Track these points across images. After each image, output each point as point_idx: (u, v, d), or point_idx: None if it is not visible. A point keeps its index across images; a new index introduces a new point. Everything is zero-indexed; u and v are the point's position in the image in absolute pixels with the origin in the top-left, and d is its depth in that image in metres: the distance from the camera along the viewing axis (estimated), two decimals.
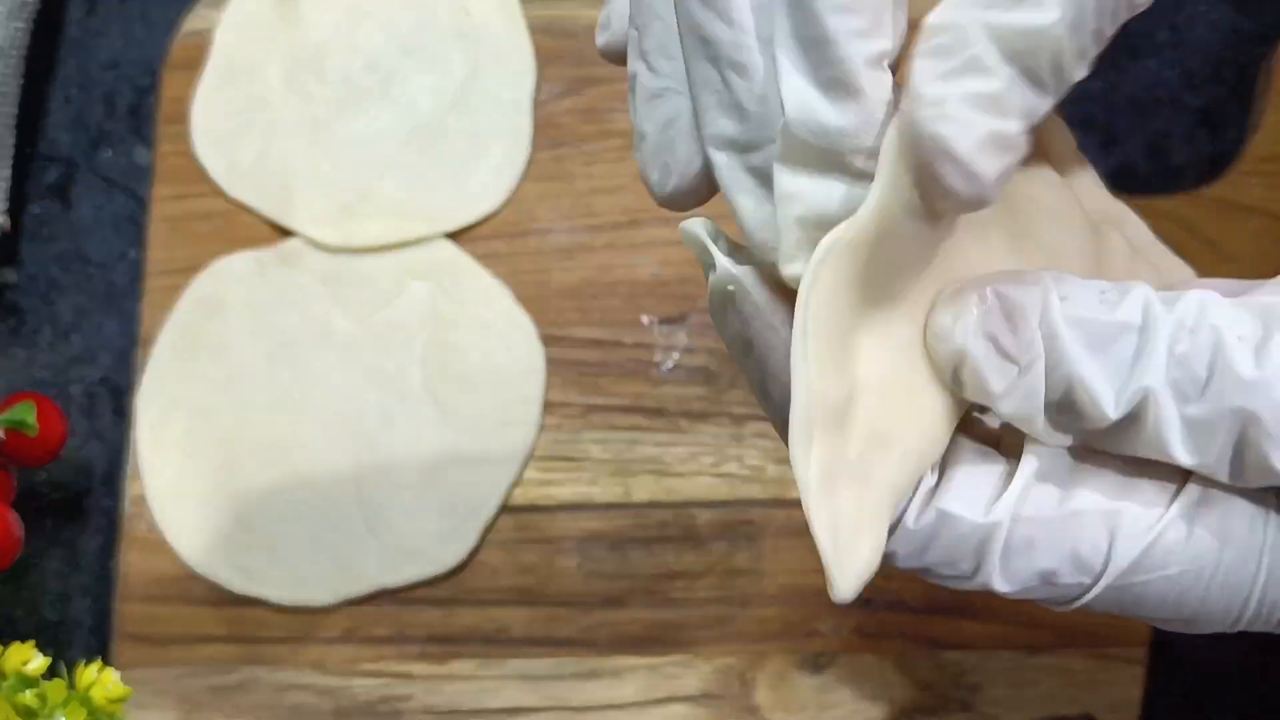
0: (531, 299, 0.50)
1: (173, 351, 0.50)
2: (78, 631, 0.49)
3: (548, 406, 0.49)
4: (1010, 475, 0.23)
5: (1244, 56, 0.52)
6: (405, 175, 0.51)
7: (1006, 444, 0.24)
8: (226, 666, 0.47)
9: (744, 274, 0.23)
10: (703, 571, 0.47)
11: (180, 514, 0.48)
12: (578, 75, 0.52)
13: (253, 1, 0.53)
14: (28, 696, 0.38)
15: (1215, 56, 0.52)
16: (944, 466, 0.24)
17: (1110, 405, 0.22)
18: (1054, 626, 0.46)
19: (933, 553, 0.24)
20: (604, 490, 0.48)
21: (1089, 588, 0.23)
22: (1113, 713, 0.46)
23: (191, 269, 0.50)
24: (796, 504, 0.49)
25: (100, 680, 0.39)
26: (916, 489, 0.23)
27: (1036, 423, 0.22)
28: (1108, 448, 0.23)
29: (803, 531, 0.48)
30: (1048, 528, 0.23)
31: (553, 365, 0.49)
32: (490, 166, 0.51)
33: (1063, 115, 0.50)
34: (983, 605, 0.47)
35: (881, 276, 0.22)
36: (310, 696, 0.46)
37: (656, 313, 0.49)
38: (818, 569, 0.24)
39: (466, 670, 0.47)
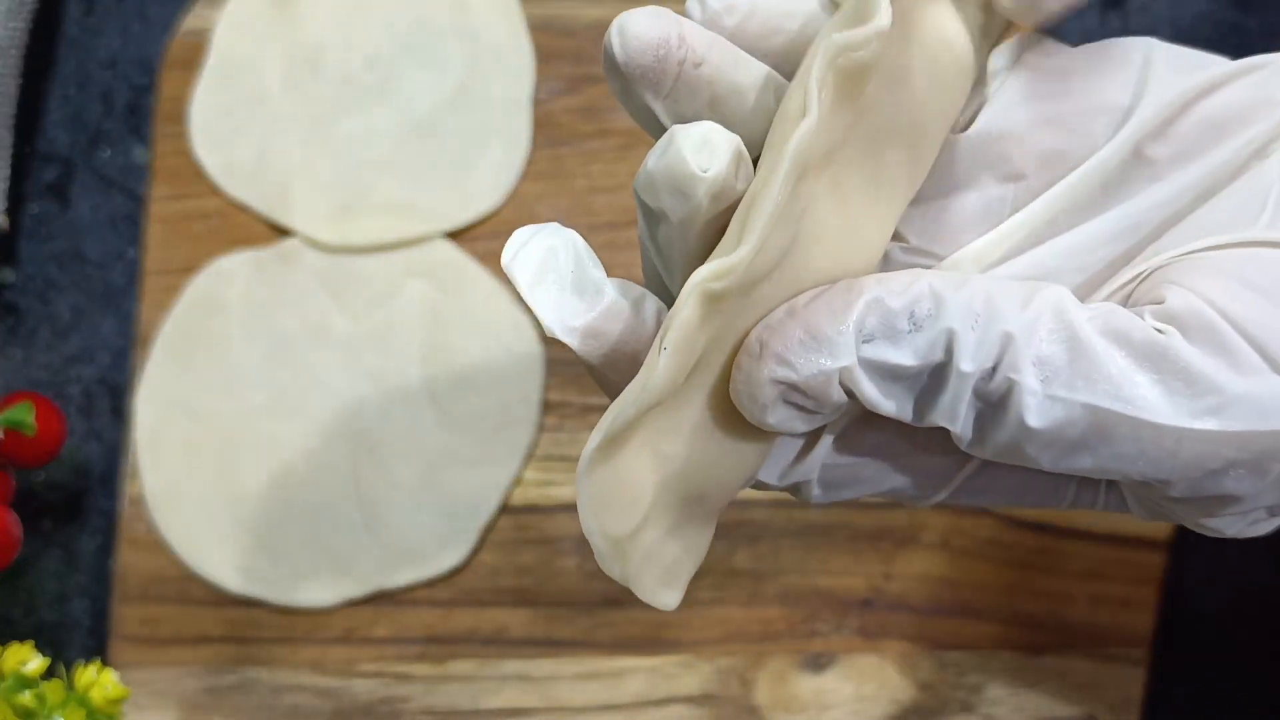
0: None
1: (171, 351, 0.50)
2: (76, 632, 0.49)
3: (547, 406, 0.49)
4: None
5: (1244, 56, 0.52)
6: (404, 174, 0.51)
7: None
8: (225, 667, 0.47)
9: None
10: (703, 571, 0.47)
11: (178, 514, 0.48)
12: (577, 74, 0.52)
13: (251, 1, 0.53)
14: (26, 697, 0.38)
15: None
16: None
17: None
18: (1055, 628, 0.46)
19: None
20: None
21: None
22: (1113, 713, 0.46)
23: (189, 268, 0.50)
24: (796, 504, 0.49)
25: (99, 681, 0.39)
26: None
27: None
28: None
29: (803, 531, 0.48)
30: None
31: (552, 365, 0.49)
32: (489, 165, 0.51)
33: None
34: (984, 606, 0.47)
35: (647, 432, 0.24)
36: (309, 697, 0.46)
37: None
38: (818, 569, 0.24)
39: (466, 671, 0.46)
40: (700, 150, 0.23)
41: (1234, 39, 0.53)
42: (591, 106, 0.51)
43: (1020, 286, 0.23)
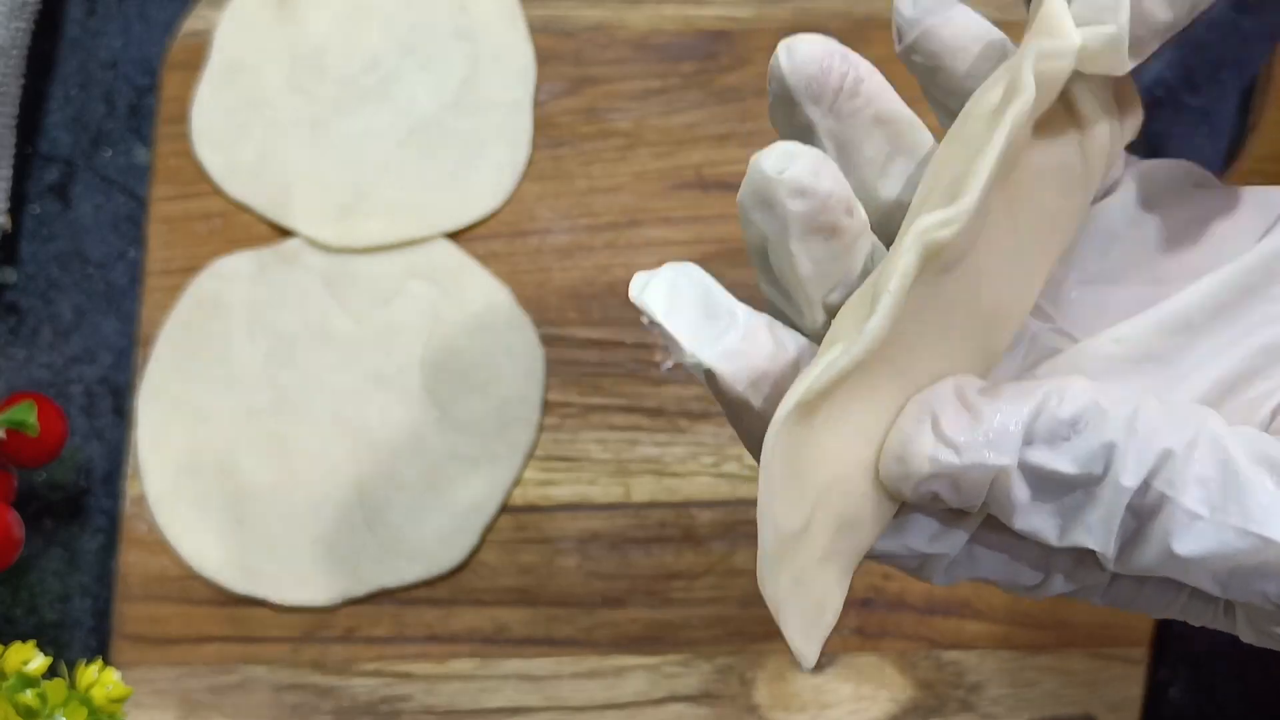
0: (531, 299, 0.50)
1: (172, 351, 0.50)
2: (78, 631, 0.49)
3: (547, 406, 0.49)
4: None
5: (1244, 56, 0.52)
6: (404, 175, 0.51)
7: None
8: (226, 666, 0.47)
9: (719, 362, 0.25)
10: (703, 571, 0.47)
11: (180, 514, 0.48)
12: (577, 75, 0.52)
13: (252, 2, 0.53)
14: (28, 696, 0.38)
15: (1215, 56, 0.52)
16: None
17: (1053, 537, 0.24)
18: (1054, 626, 0.46)
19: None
20: (603, 490, 0.48)
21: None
22: (1113, 712, 0.46)
23: (191, 269, 0.50)
24: None
25: (100, 680, 0.39)
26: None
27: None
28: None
29: None
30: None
31: (552, 365, 0.49)
32: (489, 166, 0.51)
33: None
34: (983, 605, 0.47)
35: (835, 408, 0.23)
36: (310, 696, 0.46)
37: None
38: None
39: (466, 670, 0.47)
40: (779, 159, 0.24)
41: (1233, 40, 0.53)
42: (592, 108, 0.51)
43: (1177, 406, 0.23)
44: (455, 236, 0.50)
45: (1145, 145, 0.52)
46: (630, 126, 0.51)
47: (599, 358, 0.49)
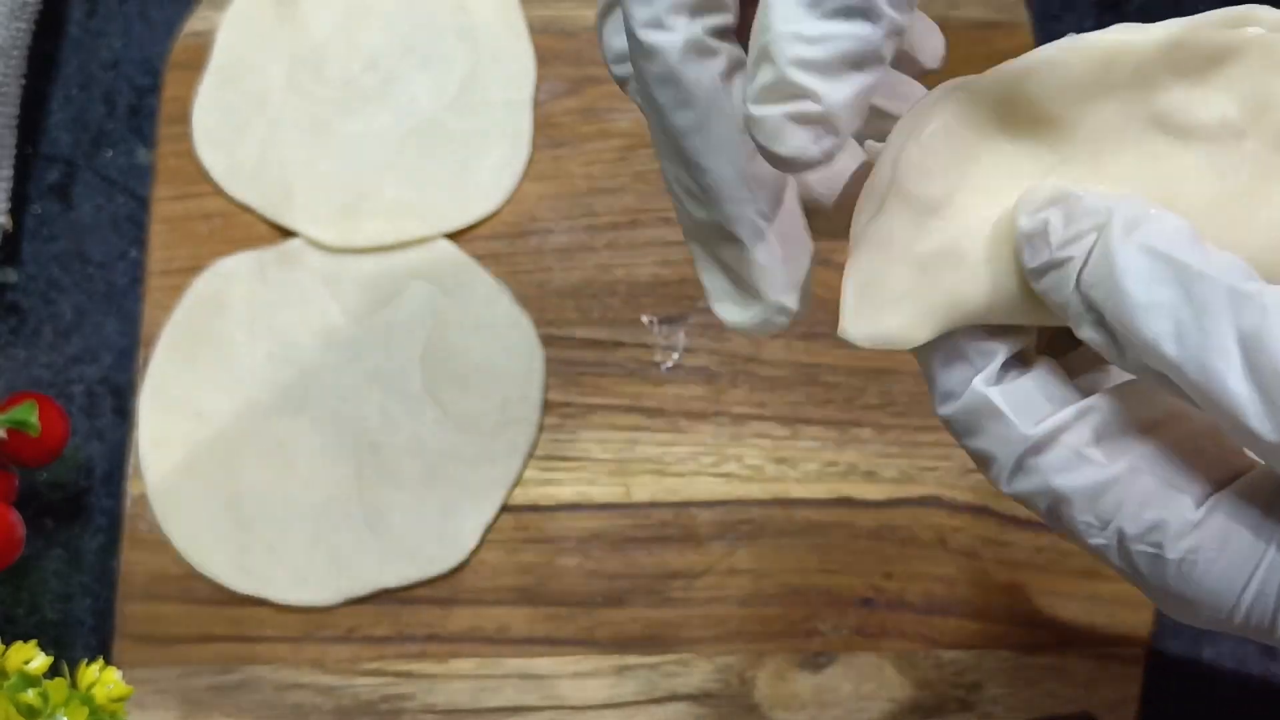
0: (531, 299, 0.50)
1: (173, 351, 0.50)
2: (79, 631, 0.49)
3: (547, 406, 0.49)
4: (1074, 405, 0.25)
5: None
6: (405, 175, 0.51)
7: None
8: (227, 666, 0.47)
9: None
10: (703, 571, 0.47)
11: (181, 513, 0.48)
12: (577, 75, 0.52)
13: (253, 2, 0.53)
14: (30, 695, 0.38)
15: None
16: (1023, 364, 0.26)
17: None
18: (1053, 626, 0.46)
19: (974, 434, 0.25)
20: (604, 490, 0.48)
21: (1098, 537, 0.25)
22: (1111, 712, 0.46)
23: (192, 269, 0.50)
24: (796, 503, 0.50)
25: (102, 679, 0.39)
26: (998, 359, 0.25)
27: (1070, 311, 0.24)
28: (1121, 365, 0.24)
29: (803, 531, 0.48)
30: (1072, 466, 0.25)
31: (552, 365, 0.49)
32: (490, 166, 0.51)
33: None
34: (983, 605, 0.47)
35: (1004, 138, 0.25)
36: (311, 695, 0.47)
37: (656, 313, 0.50)
38: (817, 569, 0.24)
39: (467, 669, 0.47)
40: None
41: None
42: (592, 108, 0.52)
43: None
44: (456, 237, 0.51)
45: None
46: (630, 126, 0.51)
47: (599, 358, 0.49)
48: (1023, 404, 0.25)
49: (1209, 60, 0.24)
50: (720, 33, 0.24)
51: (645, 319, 0.50)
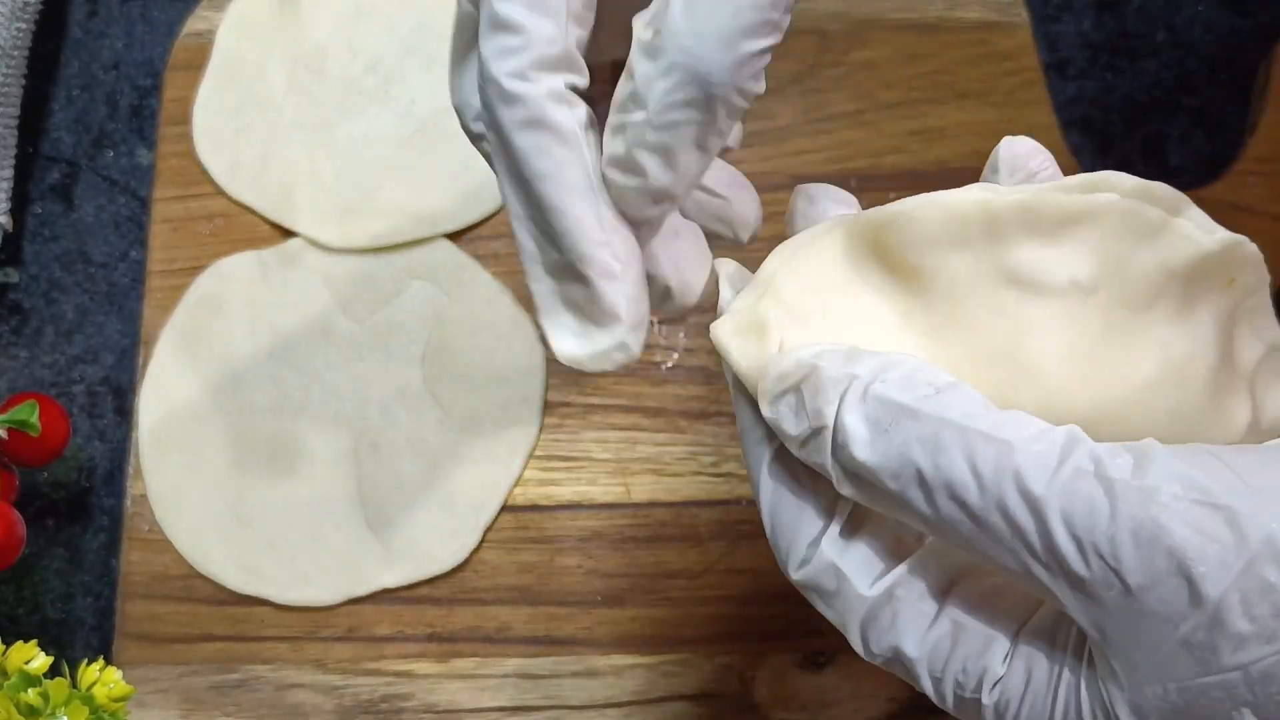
0: (531, 299, 0.50)
1: (174, 351, 0.50)
2: (80, 630, 0.49)
3: (548, 406, 0.49)
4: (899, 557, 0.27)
5: (1241, 58, 0.52)
6: (406, 176, 0.51)
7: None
8: (228, 665, 0.47)
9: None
10: (702, 571, 0.47)
11: (182, 513, 0.48)
12: None
13: (254, 3, 0.53)
14: (30, 695, 0.38)
15: (1212, 58, 0.52)
16: (856, 524, 0.27)
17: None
18: None
19: (821, 591, 0.27)
20: (604, 490, 0.48)
21: (936, 689, 0.26)
22: None
23: (193, 269, 0.51)
24: None
25: (102, 679, 0.39)
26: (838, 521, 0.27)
27: (834, 478, 0.26)
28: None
29: None
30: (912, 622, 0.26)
31: (553, 365, 0.49)
32: (489, 167, 0.51)
33: (1058, 121, 0.50)
34: None
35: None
36: (312, 695, 0.47)
37: (656, 313, 0.50)
38: None
39: (467, 669, 0.47)
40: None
41: (1230, 41, 0.53)
42: None
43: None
44: (456, 237, 0.51)
45: (1145, 147, 0.52)
46: None
47: None
48: (861, 564, 0.26)
49: (1062, 222, 0.26)
50: (574, 89, 0.26)
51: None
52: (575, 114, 0.26)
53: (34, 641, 0.40)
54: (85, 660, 0.40)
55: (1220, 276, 0.27)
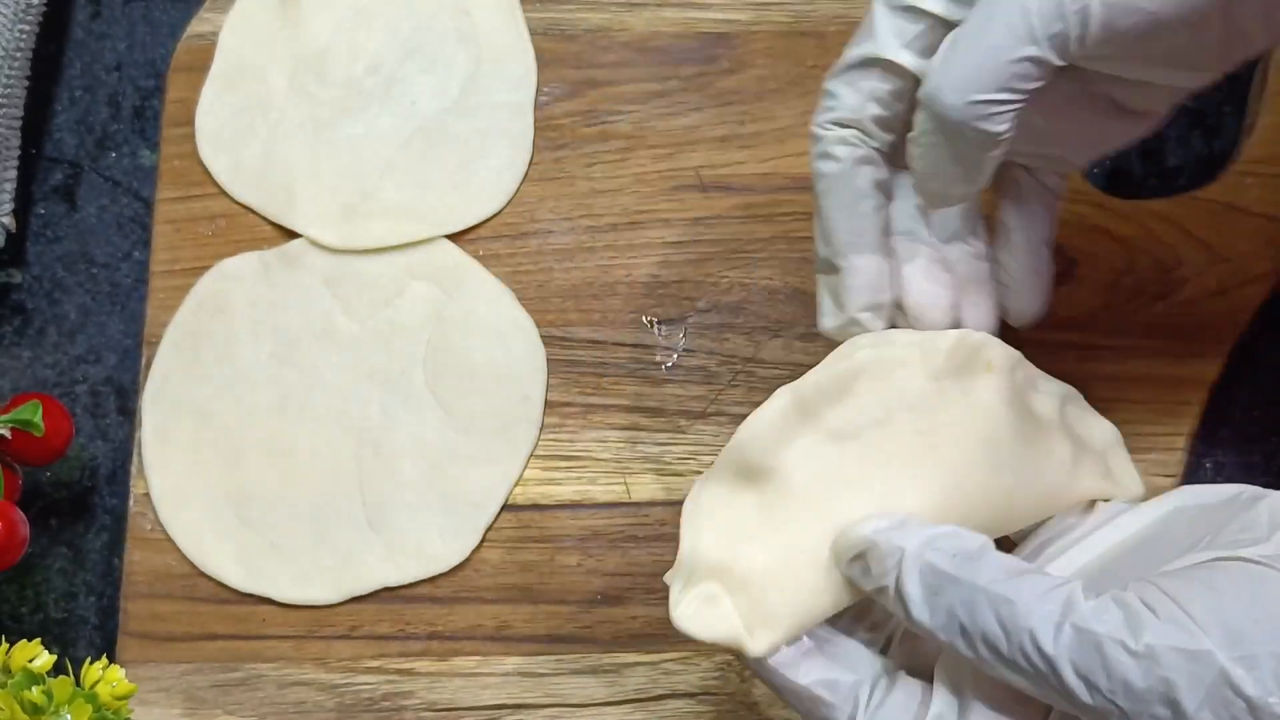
0: (532, 299, 0.50)
1: (177, 351, 0.50)
2: (83, 629, 0.49)
3: (548, 406, 0.49)
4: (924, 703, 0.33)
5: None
6: (407, 177, 0.51)
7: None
8: (230, 663, 0.47)
9: None
10: None
11: (184, 512, 0.48)
12: (578, 78, 0.52)
13: (256, 4, 0.53)
14: (34, 693, 0.38)
15: None
16: (877, 691, 0.34)
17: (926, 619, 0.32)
18: None
19: None
20: (604, 489, 0.48)
21: None
22: None
23: (196, 270, 0.51)
24: None
25: (105, 677, 0.39)
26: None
27: (903, 622, 0.33)
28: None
29: None
30: None
31: (553, 365, 0.49)
32: (491, 168, 0.51)
33: None
34: None
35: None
36: (313, 693, 0.47)
37: (656, 313, 0.50)
38: None
39: (468, 667, 0.47)
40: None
41: None
42: (593, 110, 0.52)
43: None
44: (457, 238, 0.51)
45: (1142, 148, 0.52)
46: (631, 129, 0.52)
47: (599, 358, 0.49)
48: None
49: (843, 386, 0.34)
50: (856, 142, 0.37)
51: (645, 319, 0.50)
52: (854, 152, 0.36)
53: (37, 640, 0.40)
54: (88, 659, 0.40)
55: (977, 365, 0.36)
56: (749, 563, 0.34)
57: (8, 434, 0.45)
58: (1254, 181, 0.49)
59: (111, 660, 0.40)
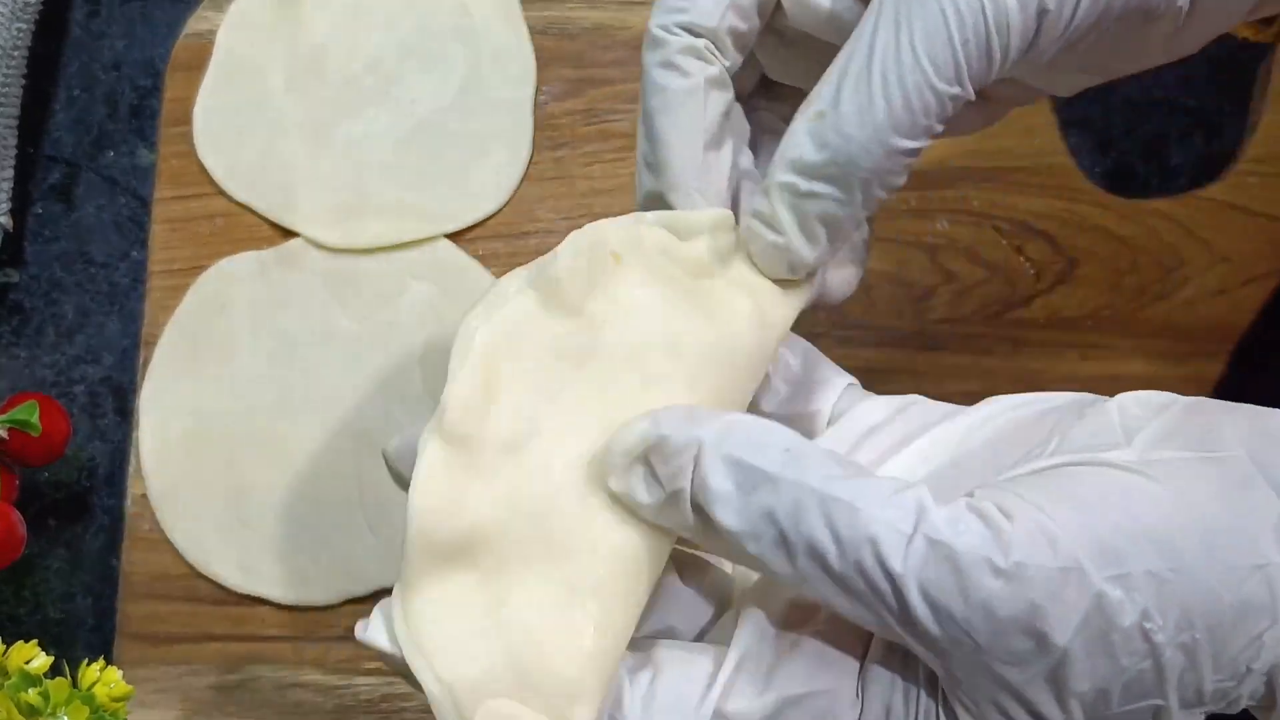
0: None
1: (175, 351, 0.50)
2: (81, 630, 0.49)
3: None
4: (717, 665, 0.27)
5: (1241, 58, 0.52)
6: (406, 176, 0.51)
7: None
8: (228, 665, 0.47)
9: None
10: None
11: (182, 513, 0.48)
12: (577, 76, 0.52)
13: (255, 3, 0.53)
14: (31, 695, 0.38)
15: (1212, 58, 0.52)
16: (657, 664, 0.27)
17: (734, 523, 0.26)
18: None
19: None
20: None
21: None
22: None
23: (194, 269, 0.51)
24: None
25: (103, 679, 0.39)
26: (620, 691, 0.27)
27: (694, 533, 0.27)
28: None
29: None
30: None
31: None
32: (490, 167, 0.51)
33: (1057, 120, 0.50)
34: None
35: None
36: (311, 695, 0.47)
37: None
38: None
39: None
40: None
41: (1230, 41, 0.53)
42: (592, 109, 0.52)
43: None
44: (456, 237, 0.51)
45: (1144, 147, 0.52)
46: (630, 128, 0.51)
47: None
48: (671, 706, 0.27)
49: (488, 396, 0.28)
50: (709, 57, 0.30)
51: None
52: (706, 69, 0.29)
53: (34, 641, 0.40)
54: (86, 660, 0.40)
55: (603, 266, 0.29)
56: (514, 654, 0.26)
57: (5, 434, 0.45)
58: (1256, 181, 0.49)
59: (109, 662, 0.40)
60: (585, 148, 0.51)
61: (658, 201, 0.30)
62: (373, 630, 0.28)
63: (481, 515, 0.27)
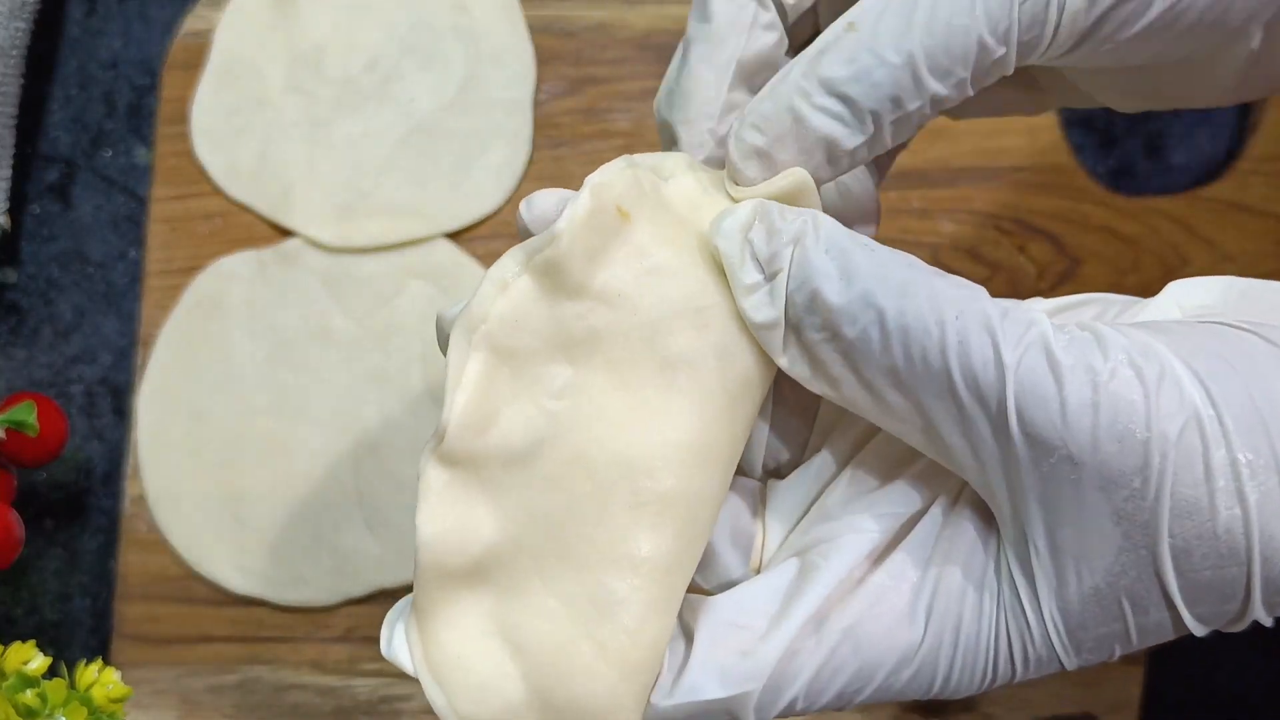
0: None
1: (173, 351, 0.50)
2: (78, 631, 0.49)
3: None
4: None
5: None
6: (404, 175, 0.51)
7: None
8: (226, 666, 0.47)
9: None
10: None
11: (180, 514, 0.48)
12: (577, 75, 0.52)
13: (252, 1, 0.53)
14: (28, 696, 0.38)
15: None
16: (691, 634, 0.26)
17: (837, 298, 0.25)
18: None
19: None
20: None
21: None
22: (1112, 712, 0.46)
23: (191, 269, 0.50)
24: None
25: (100, 680, 0.39)
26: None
27: (775, 335, 0.26)
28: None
29: None
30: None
31: None
32: (489, 166, 0.51)
33: (1060, 119, 0.50)
34: None
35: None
36: (310, 696, 0.46)
37: None
38: None
39: None
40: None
41: None
42: (592, 108, 0.51)
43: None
44: (455, 236, 0.50)
45: (1146, 146, 0.52)
46: (630, 126, 0.51)
47: None
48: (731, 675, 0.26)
49: (487, 414, 0.26)
50: (774, 2, 0.29)
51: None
52: (761, 14, 0.29)
53: (32, 642, 0.39)
54: (83, 661, 0.40)
55: (609, 230, 0.28)
56: (537, 684, 0.25)
57: (2, 435, 0.45)
58: (1258, 179, 0.49)
59: (107, 663, 0.40)
60: (585, 146, 0.51)
61: (665, 131, 0.30)
62: (396, 647, 0.27)
63: (492, 534, 0.26)
